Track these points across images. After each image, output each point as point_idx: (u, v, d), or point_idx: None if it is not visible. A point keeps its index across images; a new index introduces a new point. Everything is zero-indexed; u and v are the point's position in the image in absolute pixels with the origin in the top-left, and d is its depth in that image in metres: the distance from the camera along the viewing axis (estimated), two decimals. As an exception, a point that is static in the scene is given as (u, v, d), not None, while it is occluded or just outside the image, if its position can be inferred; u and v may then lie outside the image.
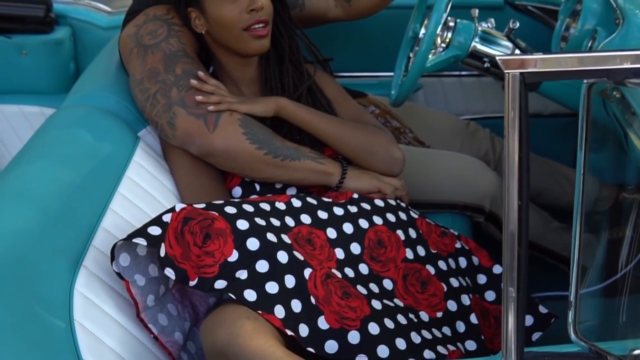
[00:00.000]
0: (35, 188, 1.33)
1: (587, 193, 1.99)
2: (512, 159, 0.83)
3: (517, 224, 0.84)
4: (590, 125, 1.36)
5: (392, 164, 1.62)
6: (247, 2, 1.52)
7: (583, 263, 1.67)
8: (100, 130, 1.53)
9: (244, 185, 1.59)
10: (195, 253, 1.26)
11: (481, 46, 1.91)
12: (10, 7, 2.31)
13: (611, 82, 0.84)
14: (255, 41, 1.55)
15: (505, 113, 0.82)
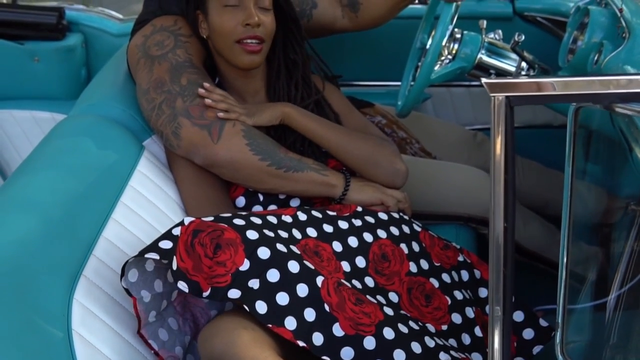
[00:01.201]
0: (38, 198, 1.35)
1: (594, 205, 2.00)
2: (498, 182, 0.83)
3: (502, 246, 0.85)
4: (598, 138, 1.37)
5: (394, 175, 1.63)
6: (244, 16, 1.55)
7: (585, 276, 1.67)
8: (105, 139, 1.55)
9: (248, 195, 1.61)
10: (206, 264, 1.26)
11: (487, 58, 1.91)
12: (23, 14, 2.34)
13: (600, 106, 0.84)
14: (245, 55, 1.57)
15: (491, 136, 0.83)
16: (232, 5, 1.57)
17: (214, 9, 1.58)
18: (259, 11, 1.58)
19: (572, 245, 1.90)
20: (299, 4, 1.95)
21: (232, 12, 1.57)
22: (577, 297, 1.49)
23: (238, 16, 1.56)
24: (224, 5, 1.57)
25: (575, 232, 1.85)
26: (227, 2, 1.57)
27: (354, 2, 1.92)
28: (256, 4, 1.58)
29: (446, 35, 1.78)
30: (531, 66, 1.89)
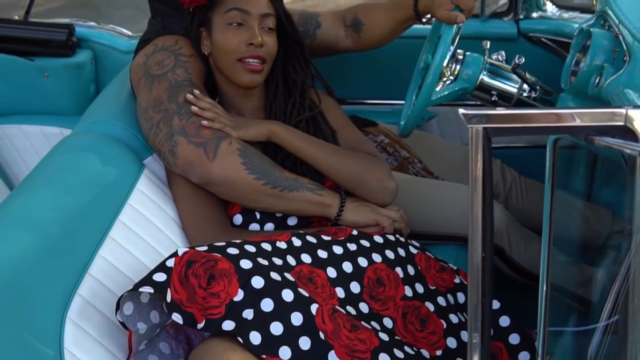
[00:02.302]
0: (36, 215, 1.36)
1: (599, 227, 1.98)
2: (476, 211, 0.84)
3: (480, 275, 0.85)
4: (602, 161, 1.36)
5: (383, 193, 1.62)
6: (248, 35, 1.58)
7: (580, 299, 1.66)
8: (106, 157, 1.57)
9: (245, 213, 1.62)
10: (200, 295, 1.26)
11: (489, 79, 1.91)
12: (33, 30, 2.38)
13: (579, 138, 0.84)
14: (246, 74, 1.59)
15: (469, 167, 0.83)
16: (237, 24, 1.59)
17: (217, 27, 1.61)
18: (262, 32, 1.61)
19: (571, 266, 1.89)
20: (302, 24, 1.97)
21: (235, 31, 1.59)
22: (570, 321, 1.49)
23: (242, 35, 1.59)
24: (228, 24, 1.60)
25: (573, 253, 1.84)
26: (232, 21, 1.60)
27: (357, 23, 1.94)
28: (260, 25, 1.61)
29: (447, 56, 1.79)
30: (533, 88, 1.89)
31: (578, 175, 2.20)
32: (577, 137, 0.83)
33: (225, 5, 1.60)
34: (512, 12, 2.31)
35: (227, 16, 1.60)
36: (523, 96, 1.91)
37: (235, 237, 1.57)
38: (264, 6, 1.62)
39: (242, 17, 1.59)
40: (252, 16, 1.60)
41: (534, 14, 2.33)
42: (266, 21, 1.62)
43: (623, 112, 0.79)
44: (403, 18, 1.87)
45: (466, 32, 2.26)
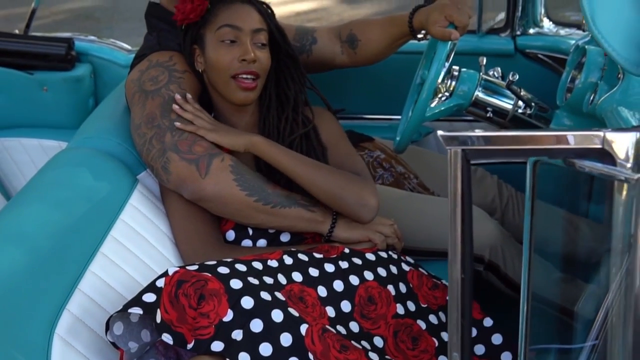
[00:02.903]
0: (27, 230, 1.37)
1: (595, 243, 1.98)
2: (455, 233, 0.84)
3: (460, 296, 0.85)
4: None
5: (361, 211, 1.59)
6: (240, 52, 1.59)
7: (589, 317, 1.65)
8: (98, 173, 1.57)
9: (237, 229, 1.62)
10: (190, 315, 1.26)
11: (484, 96, 1.92)
12: (33, 44, 2.40)
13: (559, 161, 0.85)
14: (240, 91, 1.60)
15: (449, 188, 0.83)
16: (229, 41, 1.60)
17: (210, 44, 1.62)
18: (255, 47, 1.61)
19: (567, 284, 1.89)
20: (299, 40, 1.98)
21: (228, 48, 1.60)
22: (564, 338, 1.48)
23: (234, 51, 1.60)
24: (220, 41, 1.61)
25: (568, 270, 1.84)
26: (224, 38, 1.60)
27: (353, 38, 1.95)
28: (252, 40, 1.61)
29: (441, 72, 1.79)
30: (528, 104, 1.90)
31: (575, 191, 2.20)
32: (556, 159, 0.83)
33: (217, 22, 1.61)
34: (509, 29, 2.31)
35: (219, 33, 1.61)
36: (518, 113, 1.91)
37: (227, 253, 1.57)
38: (256, 22, 1.63)
39: (234, 33, 1.60)
40: (243, 32, 1.60)
41: (530, 30, 2.33)
42: (258, 36, 1.62)
43: (601, 134, 0.80)
44: (398, 34, 1.87)
45: (463, 48, 2.27)
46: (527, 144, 0.81)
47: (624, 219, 0.81)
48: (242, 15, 1.62)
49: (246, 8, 1.63)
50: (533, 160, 0.86)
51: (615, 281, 0.88)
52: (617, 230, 0.83)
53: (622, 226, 0.81)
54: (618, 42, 0.86)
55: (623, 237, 0.82)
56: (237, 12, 1.62)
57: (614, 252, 0.83)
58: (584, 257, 1.94)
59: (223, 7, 1.62)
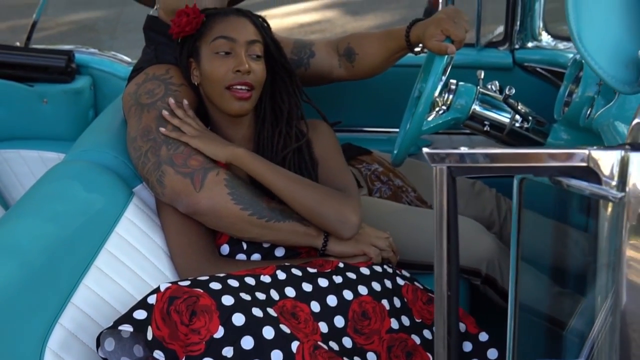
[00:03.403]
0: (21, 244, 1.37)
1: (591, 258, 1.96)
2: (441, 251, 0.84)
3: (446, 313, 0.85)
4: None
5: (341, 227, 1.58)
6: (235, 63, 1.59)
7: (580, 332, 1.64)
8: (94, 186, 1.58)
9: (232, 243, 1.62)
10: (182, 332, 1.26)
11: (482, 110, 1.91)
12: (33, 57, 2.41)
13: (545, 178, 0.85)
14: (234, 102, 1.60)
15: (434, 206, 0.83)
16: (224, 53, 1.61)
17: (205, 56, 1.63)
18: (249, 59, 1.62)
19: (566, 298, 1.88)
20: (297, 53, 1.99)
21: (223, 59, 1.61)
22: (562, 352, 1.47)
23: (229, 63, 1.60)
24: (215, 52, 1.61)
25: (567, 284, 1.83)
26: (219, 49, 1.61)
27: (350, 52, 1.95)
28: (247, 52, 1.62)
29: (438, 86, 1.79)
30: (525, 118, 1.89)
31: (574, 206, 2.19)
32: (541, 177, 0.83)
33: (211, 34, 1.62)
34: (508, 42, 2.31)
35: (214, 45, 1.61)
36: (515, 126, 1.91)
37: (222, 266, 1.57)
38: (251, 33, 1.63)
39: (228, 45, 1.61)
40: (238, 43, 1.61)
41: (529, 43, 2.33)
42: (253, 48, 1.63)
43: (586, 152, 0.80)
44: (395, 48, 1.87)
45: (462, 61, 2.28)
46: (513, 162, 0.81)
47: (609, 236, 0.81)
48: (236, 27, 1.62)
49: (241, 20, 1.64)
50: (519, 178, 0.86)
51: (602, 297, 0.87)
52: (603, 246, 0.83)
53: (607, 243, 0.81)
54: (605, 60, 0.86)
55: (609, 254, 0.81)
56: (232, 24, 1.62)
57: (600, 268, 0.83)
58: (579, 271, 1.93)
59: (218, 20, 1.63)
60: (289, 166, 1.66)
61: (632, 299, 0.80)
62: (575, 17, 0.89)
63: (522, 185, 0.85)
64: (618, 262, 0.79)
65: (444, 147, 2.35)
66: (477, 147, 0.82)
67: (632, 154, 0.78)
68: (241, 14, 1.66)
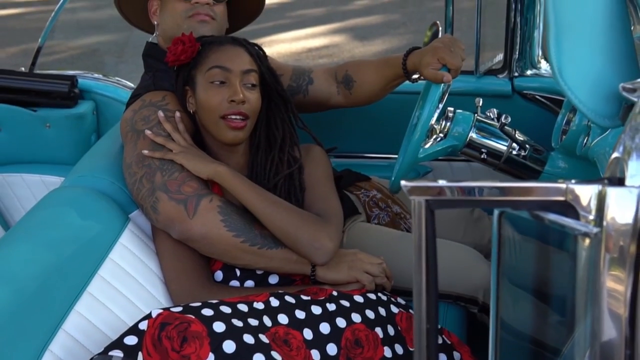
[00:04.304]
0: (13, 270, 1.38)
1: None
2: (420, 284, 0.83)
3: (425, 348, 0.85)
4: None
5: (314, 253, 1.57)
6: (230, 93, 1.60)
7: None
8: (89, 212, 1.59)
9: (225, 269, 1.62)
10: (173, 358, 1.26)
11: (479, 137, 1.91)
12: (36, 82, 2.43)
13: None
14: (229, 131, 1.61)
15: (413, 239, 0.84)
16: (219, 82, 1.62)
17: (201, 85, 1.64)
18: (244, 88, 1.63)
19: (564, 327, 1.87)
20: (295, 80, 2.00)
21: (218, 89, 1.62)
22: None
23: (224, 92, 1.61)
24: (210, 82, 1.62)
25: (565, 313, 1.82)
26: (214, 79, 1.62)
27: (348, 79, 1.96)
28: (242, 81, 1.63)
29: (434, 114, 1.79)
30: (522, 146, 1.89)
31: (559, 236, 2.18)
32: (520, 211, 0.82)
33: (207, 64, 1.63)
34: (507, 70, 2.32)
35: (209, 74, 1.62)
36: (513, 154, 1.91)
37: (216, 292, 1.57)
38: (246, 63, 1.64)
39: (223, 74, 1.62)
40: (233, 73, 1.62)
41: (528, 71, 2.34)
42: (248, 77, 1.64)
43: (563, 186, 0.79)
44: (392, 76, 1.88)
45: (461, 88, 2.28)
46: (492, 195, 0.81)
47: (587, 270, 0.80)
48: (231, 56, 1.63)
49: (236, 50, 1.65)
50: (499, 212, 0.86)
51: (584, 329, 0.87)
52: (581, 279, 0.82)
53: (585, 276, 0.81)
54: (585, 94, 0.86)
55: (587, 287, 0.81)
56: (227, 54, 1.64)
57: (579, 300, 0.82)
58: (564, 300, 1.92)
59: (214, 49, 1.64)
60: (279, 192, 1.66)
61: (610, 333, 0.79)
62: (556, 50, 0.90)
63: (502, 218, 0.85)
64: (596, 295, 0.79)
65: (447, 173, 2.36)
66: (456, 180, 0.82)
67: (610, 188, 0.78)
68: (237, 43, 1.67)
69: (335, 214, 1.66)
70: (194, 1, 1.77)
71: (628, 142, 0.83)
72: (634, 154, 0.81)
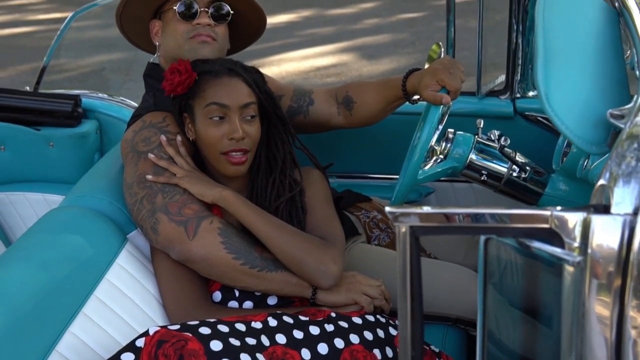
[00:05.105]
0: (9, 291, 1.38)
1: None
2: (405, 310, 0.83)
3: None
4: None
5: (320, 276, 1.57)
6: (229, 129, 1.60)
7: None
8: (87, 232, 1.59)
9: (224, 290, 1.62)
10: None
11: (479, 159, 1.91)
12: (40, 101, 2.44)
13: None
14: (230, 166, 1.62)
15: (397, 265, 0.83)
16: (218, 117, 1.61)
17: (199, 119, 1.63)
18: (244, 122, 1.62)
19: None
20: (296, 101, 2.00)
21: (217, 125, 1.61)
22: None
23: (223, 128, 1.61)
24: (209, 117, 1.61)
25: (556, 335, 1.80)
26: (212, 115, 1.61)
27: (349, 100, 1.97)
28: (241, 115, 1.62)
29: (433, 135, 1.79)
30: (522, 169, 1.88)
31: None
32: (504, 237, 0.82)
33: (204, 99, 1.61)
34: (509, 91, 2.31)
35: (207, 110, 1.61)
36: (513, 176, 1.90)
37: (214, 314, 1.57)
38: (244, 96, 1.63)
39: (222, 111, 1.61)
40: (232, 109, 1.61)
41: (530, 92, 2.33)
42: (247, 111, 1.63)
43: (548, 214, 0.79)
44: (392, 97, 1.88)
45: (463, 109, 2.28)
46: (476, 222, 0.81)
47: (571, 298, 0.80)
48: (229, 91, 1.61)
49: (233, 82, 1.63)
50: (485, 239, 0.86)
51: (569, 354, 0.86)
52: (566, 306, 0.82)
53: (570, 303, 0.81)
54: (573, 120, 0.86)
55: (573, 314, 0.80)
56: (225, 88, 1.61)
57: (564, 326, 0.82)
58: (553, 324, 1.90)
59: (211, 81, 1.62)
60: (281, 215, 1.66)
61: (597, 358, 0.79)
62: (544, 77, 0.89)
63: (488, 245, 0.85)
64: (582, 320, 0.78)
65: (450, 194, 2.34)
66: (440, 207, 0.82)
67: (594, 216, 0.77)
68: (233, 73, 1.64)
69: (338, 237, 1.67)
70: (195, 22, 1.77)
71: (614, 168, 0.82)
72: (620, 181, 0.81)
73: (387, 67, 6.23)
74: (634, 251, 0.75)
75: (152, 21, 1.86)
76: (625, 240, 0.76)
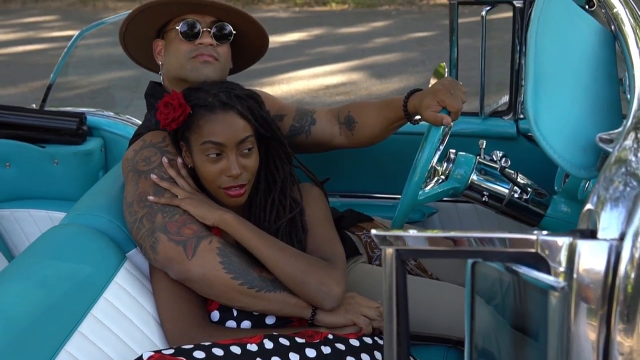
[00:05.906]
0: (5, 308, 1.38)
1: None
2: (390, 334, 0.83)
3: (396, 399, 0.83)
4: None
5: (322, 298, 1.57)
6: (226, 167, 1.60)
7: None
8: (85, 250, 1.59)
9: (222, 309, 1.62)
10: None
11: (480, 180, 1.90)
12: (45, 119, 2.46)
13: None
14: (229, 199, 1.63)
15: (383, 288, 0.83)
16: (215, 155, 1.61)
17: (196, 153, 1.63)
18: (240, 156, 1.62)
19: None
20: (298, 120, 2.00)
21: (214, 162, 1.61)
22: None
23: (220, 165, 1.61)
24: (205, 154, 1.61)
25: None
26: (208, 152, 1.61)
27: (350, 120, 1.97)
28: (238, 151, 1.61)
29: (434, 156, 1.78)
30: (524, 190, 1.87)
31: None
32: (491, 262, 0.82)
33: (201, 135, 1.60)
34: (512, 112, 2.31)
35: (203, 147, 1.60)
36: (514, 198, 1.89)
37: (212, 333, 1.57)
38: (240, 132, 1.61)
39: (218, 148, 1.60)
40: (228, 147, 1.60)
41: (533, 114, 2.32)
42: (244, 145, 1.62)
43: (534, 238, 0.79)
44: (394, 118, 1.88)
45: (466, 130, 2.28)
46: (462, 246, 0.80)
47: (556, 323, 0.79)
48: (224, 128, 1.59)
49: (228, 117, 1.60)
50: (471, 262, 0.85)
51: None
52: (552, 331, 0.81)
53: (556, 328, 0.80)
54: (561, 144, 0.85)
55: (558, 339, 0.80)
56: (220, 125, 1.59)
57: (550, 350, 0.81)
58: (545, 346, 1.89)
59: (205, 117, 1.60)
60: (282, 235, 1.66)
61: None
62: (533, 100, 0.89)
63: (475, 268, 0.84)
64: (566, 346, 0.78)
65: (453, 214, 2.32)
66: (425, 231, 0.81)
67: (580, 241, 0.77)
68: (228, 107, 1.61)
69: (340, 258, 1.67)
70: (198, 42, 1.78)
71: (602, 192, 0.82)
72: (607, 205, 0.80)
73: (396, 85, 6.24)
74: (620, 276, 0.75)
75: (155, 40, 1.87)
76: (612, 265, 0.76)
